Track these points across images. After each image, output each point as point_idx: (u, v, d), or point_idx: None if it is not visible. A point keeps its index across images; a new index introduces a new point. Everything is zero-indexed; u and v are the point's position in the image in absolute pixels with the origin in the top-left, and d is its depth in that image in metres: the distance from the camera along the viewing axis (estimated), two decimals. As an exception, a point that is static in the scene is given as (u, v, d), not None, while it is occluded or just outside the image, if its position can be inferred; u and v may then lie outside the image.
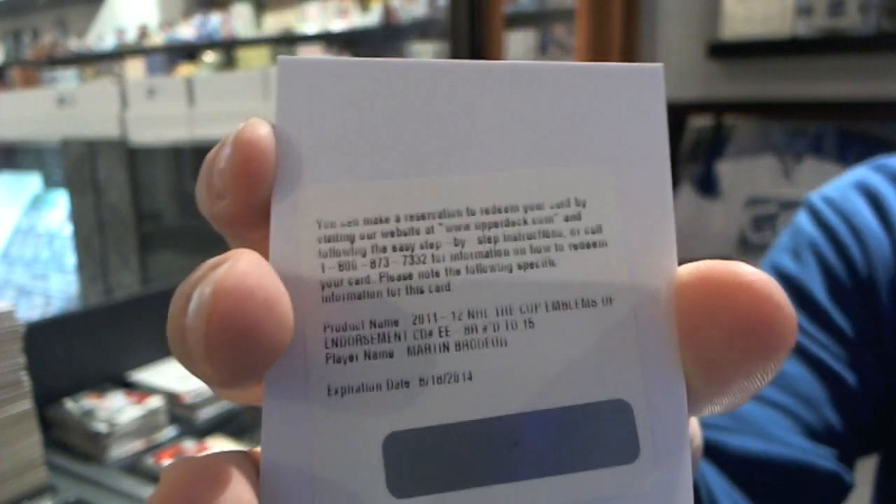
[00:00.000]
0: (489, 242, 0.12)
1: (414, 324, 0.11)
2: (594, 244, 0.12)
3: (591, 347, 0.12)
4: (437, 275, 0.12)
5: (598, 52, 1.19)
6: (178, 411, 0.77)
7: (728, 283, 0.11)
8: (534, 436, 0.11)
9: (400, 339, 0.11)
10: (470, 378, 0.11)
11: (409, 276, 0.12)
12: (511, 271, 0.12)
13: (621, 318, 0.12)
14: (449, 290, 0.12)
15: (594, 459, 0.11)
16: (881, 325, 0.33)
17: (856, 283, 0.33)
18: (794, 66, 1.13)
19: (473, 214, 0.12)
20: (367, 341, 0.11)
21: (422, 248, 0.12)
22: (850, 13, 1.01)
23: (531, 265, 0.12)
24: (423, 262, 0.12)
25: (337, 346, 0.11)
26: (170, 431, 0.74)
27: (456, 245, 0.12)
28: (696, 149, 1.22)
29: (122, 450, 0.69)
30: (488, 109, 0.12)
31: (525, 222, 0.12)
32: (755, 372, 0.11)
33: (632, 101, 0.12)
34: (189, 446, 0.70)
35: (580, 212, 0.12)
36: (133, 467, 0.67)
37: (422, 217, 0.12)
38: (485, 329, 0.11)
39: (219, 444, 0.70)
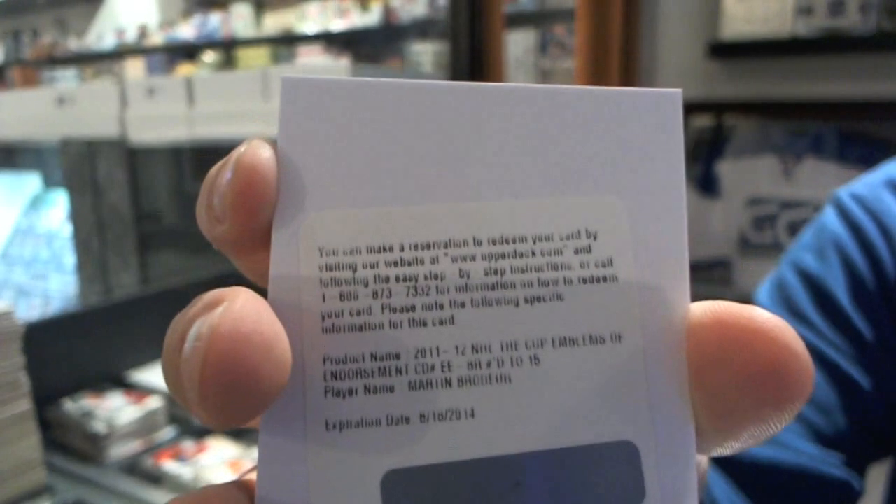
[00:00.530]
0: (496, 274, 0.11)
1: (416, 358, 0.11)
2: (604, 278, 0.12)
3: (598, 386, 0.11)
4: (441, 307, 0.11)
5: (598, 52, 1.19)
6: (177, 411, 0.77)
7: (745, 327, 0.10)
8: (537, 476, 0.11)
9: (401, 373, 0.11)
10: (472, 415, 0.11)
11: (413, 308, 0.11)
12: (517, 305, 0.11)
13: (630, 356, 0.11)
14: (453, 324, 0.11)
15: (599, 501, 0.11)
16: None
17: (882, 285, 0.32)
18: (794, 65, 1.13)
19: (480, 245, 0.11)
20: (367, 375, 0.11)
21: (426, 279, 0.11)
22: (851, 13, 1.01)
23: (538, 299, 0.11)
24: (427, 294, 0.11)
25: (336, 379, 0.11)
26: (169, 432, 0.74)
27: (461, 276, 0.11)
28: (697, 149, 1.22)
29: (121, 450, 0.69)
30: (497, 134, 0.12)
31: (533, 254, 0.11)
32: (768, 420, 0.10)
33: (648, 129, 0.12)
34: (188, 447, 0.70)
35: (591, 244, 0.12)
36: (132, 468, 0.67)
37: (427, 246, 0.11)
38: (489, 365, 0.11)
39: (217, 445, 0.70)
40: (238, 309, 0.10)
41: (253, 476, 0.11)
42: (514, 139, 0.12)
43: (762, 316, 0.10)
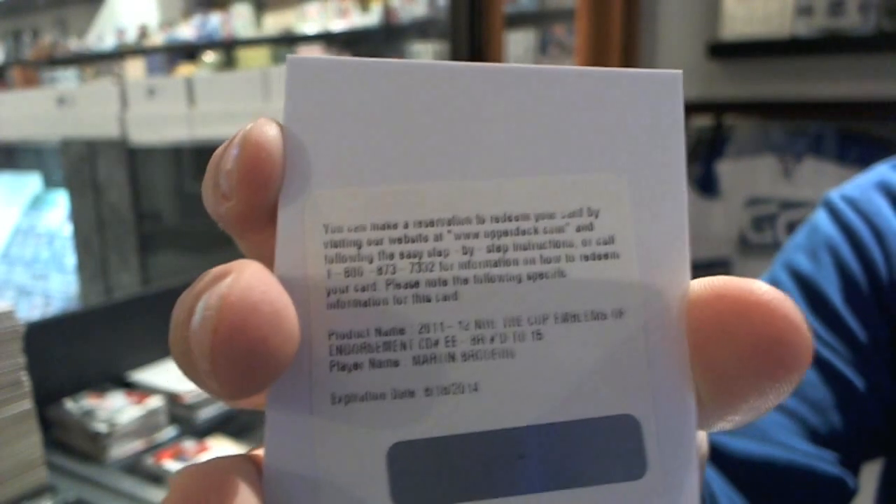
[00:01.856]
0: (498, 251, 0.12)
1: (420, 333, 0.11)
2: (606, 255, 0.12)
3: (600, 361, 0.11)
4: (445, 283, 0.11)
5: (598, 52, 1.19)
6: (177, 411, 0.77)
7: (744, 300, 0.10)
8: (540, 449, 0.11)
9: (406, 347, 0.11)
10: (476, 389, 0.11)
11: (417, 284, 0.11)
12: (520, 281, 0.12)
13: (631, 331, 0.11)
14: (456, 300, 0.11)
15: (601, 475, 0.11)
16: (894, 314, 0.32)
17: (874, 286, 0.32)
18: (793, 66, 1.13)
19: (483, 222, 0.12)
20: (372, 349, 0.11)
21: (430, 255, 0.11)
22: (850, 13, 1.01)
23: (541, 275, 0.12)
24: (431, 270, 0.11)
25: (342, 353, 0.11)
26: (170, 431, 0.74)
27: (465, 253, 0.12)
28: (697, 149, 1.22)
29: (122, 450, 0.69)
30: (501, 113, 0.12)
31: (536, 231, 0.12)
32: (768, 391, 0.11)
33: (649, 109, 0.12)
34: (189, 446, 0.70)
35: (592, 222, 0.12)
36: (133, 467, 0.67)
37: (431, 224, 0.12)
38: (492, 340, 0.11)
39: (219, 444, 0.70)
40: (246, 279, 0.10)
41: (261, 451, 0.11)
42: (517, 118, 0.12)
43: (761, 288, 0.10)
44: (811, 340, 0.10)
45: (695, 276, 0.12)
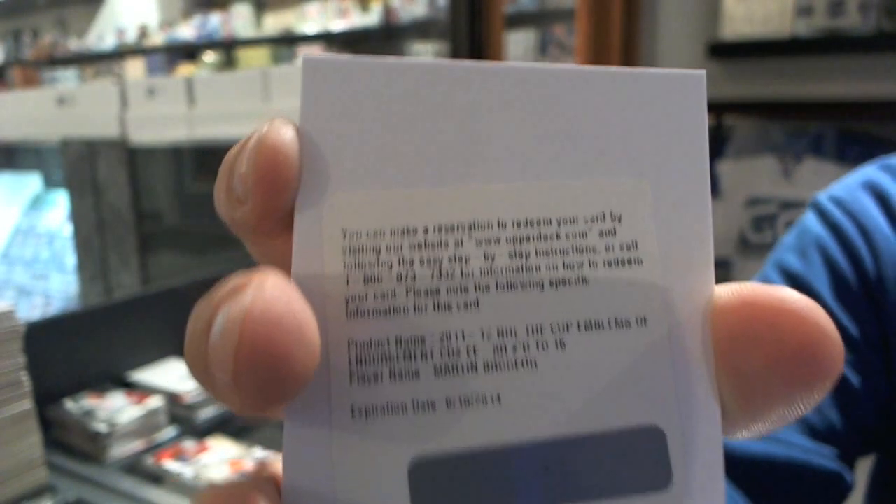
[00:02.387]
0: (520, 258, 0.11)
1: (441, 342, 0.11)
2: (629, 261, 0.11)
3: (623, 370, 0.11)
4: (466, 290, 0.11)
5: (598, 52, 1.19)
6: (177, 411, 0.77)
7: (772, 308, 0.10)
8: (564, 461, 0.11)
9: (426, 357, 0.11)
10: (499, 400, 0.11)
11: (437, 292, 0.11)
12: (542, 288, 0.11)
13: (656, 339, 0.11)
14: (478, 308, 0.11)
15: (626, 486, 0.11)
16: (887, 326, 0.32)
17: (863, 283, 0.33)
18: (794, 66, 1.13)
19: (505, 227, 0.11)
20: (392, 359, 0.11)
21: (450, 262, 0.11)
22: (850, 13, 1.01)
23: (563, 282, 0.11)
24: (452, 277, 0.11)
25: (361, 364, 0.11)
26: (170, 431, 0.74)
27: (486, 259, 0.11)
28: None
29: (122, 450, 0.69)
30: (519, 115, 0.12)
31: (558, 237, 0.11)
32: (798, 400, 0.10)
33: (672, 110, 0.12)
34: (189, 446, 0.70)
35: (615, 227, 0.11)
36: (133, 467, 0.67)
37: (451, 229, 0.11)
38: (514, 349, 0.11)
39: (218, 444, 0.70)
40: (269, 291, 0.10)
41: (279, 463, 0.11)
42: (537, 120, 0.12)
43: (792, 296, 0.10)
44: (841, 348, 0.10)
45: None
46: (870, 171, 0.36)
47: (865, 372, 0.32)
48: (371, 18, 2.30)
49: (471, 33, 1.08)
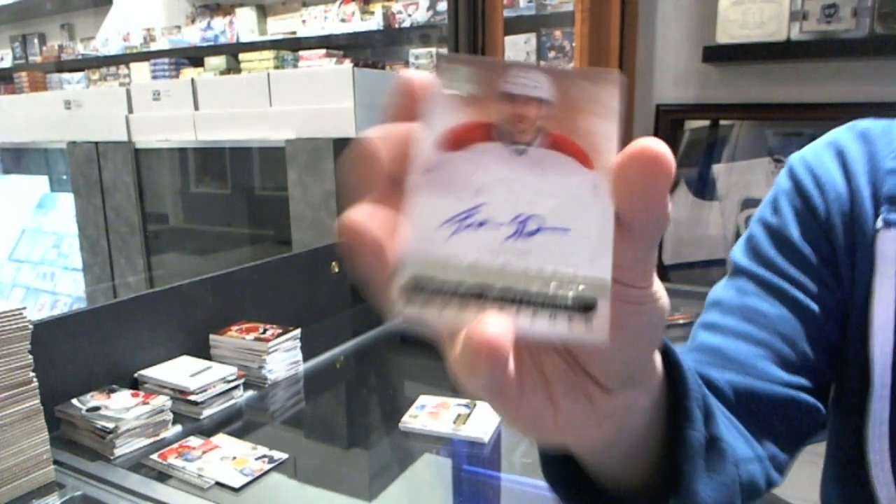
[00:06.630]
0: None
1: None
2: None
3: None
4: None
5: (596, 55, 1.20)
6: (183, 409, 0.78)
7: (634, 148, 0.17)
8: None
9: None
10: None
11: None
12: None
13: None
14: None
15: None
16: (834, 243, 0.41)
17: (817, 220, 0.41)
18: (789, 69, 1.14)
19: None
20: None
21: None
22: (844, 18, 1.01)
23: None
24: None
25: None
26: (175, 429, 0.75)
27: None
28: (692, 151, 1.23)
29: (129, 447, 0.70)
30: None
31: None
32: (653, 187, 0.17)
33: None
34: (194, 444, 0.71)
35: None
36: (139, 464, 0.68)
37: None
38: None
39: (223, 442, 0.71)
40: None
41: None
42: None
43: (647, 140, 0.17)
44: (671, 160, 0.17)
45: (690, 278, 0.13)
46: (836, 131, 0.44)
47: (824, 298, 0.40)
48: (372, 23, 2.32)
49: (471, 38, 1.09)
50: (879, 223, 0.38)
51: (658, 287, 0.19)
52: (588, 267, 0.17)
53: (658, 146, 0.16)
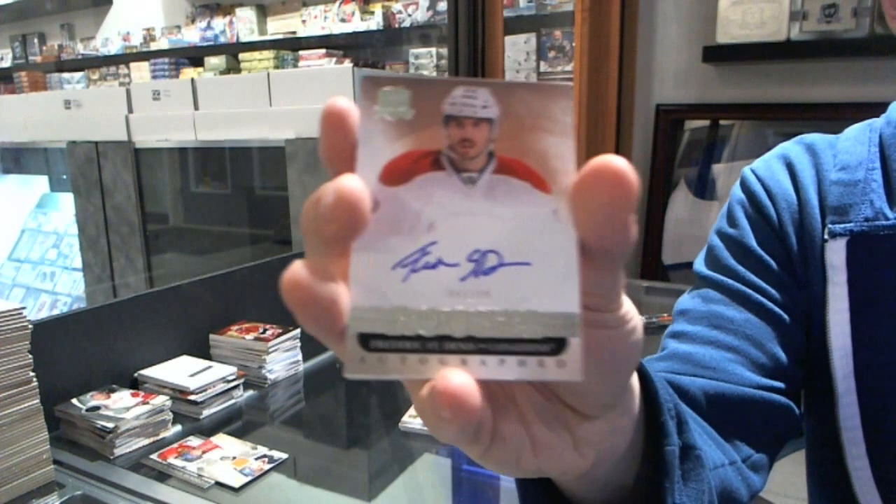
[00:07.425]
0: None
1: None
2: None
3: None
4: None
5: (596, 55, 1.20)
6: (183, 409, 0.78)
7: (598, 164, 0.16)
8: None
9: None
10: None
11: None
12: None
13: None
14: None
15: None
16: (788, 246, 0.42)
17: (773, 231, 0.43)
18: (788, 69, 1.14)
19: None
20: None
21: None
22: (844, 18, 1.01)
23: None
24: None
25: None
26: (175, 429, 0.75)
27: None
28: (692, 151, 1.23)
29: (129, 447, 0.70)
30: None
31: None
32: (615, 207, 0.15)
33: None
34: (194, 444, 0.71)
35: None
36: (139, 464, 0.68)
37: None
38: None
39: (223, 442, 0.71)
40: (347, 180, 0.15)
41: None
42: None
43: (608, 157, 0.16)
44: (635, 179, 0.15)
45: (689, 278, 0.13)
46: (786, 145, 0.46)
47: (787, 303, 0.41)
48: (372, 23, 2.32)
49: (471, 38, 1.09)
50: (826, 234, 0.40)
51: (629, 308, 0.18)
52: (554, 302, 0.16)
53: (618, 163, 0.15)
